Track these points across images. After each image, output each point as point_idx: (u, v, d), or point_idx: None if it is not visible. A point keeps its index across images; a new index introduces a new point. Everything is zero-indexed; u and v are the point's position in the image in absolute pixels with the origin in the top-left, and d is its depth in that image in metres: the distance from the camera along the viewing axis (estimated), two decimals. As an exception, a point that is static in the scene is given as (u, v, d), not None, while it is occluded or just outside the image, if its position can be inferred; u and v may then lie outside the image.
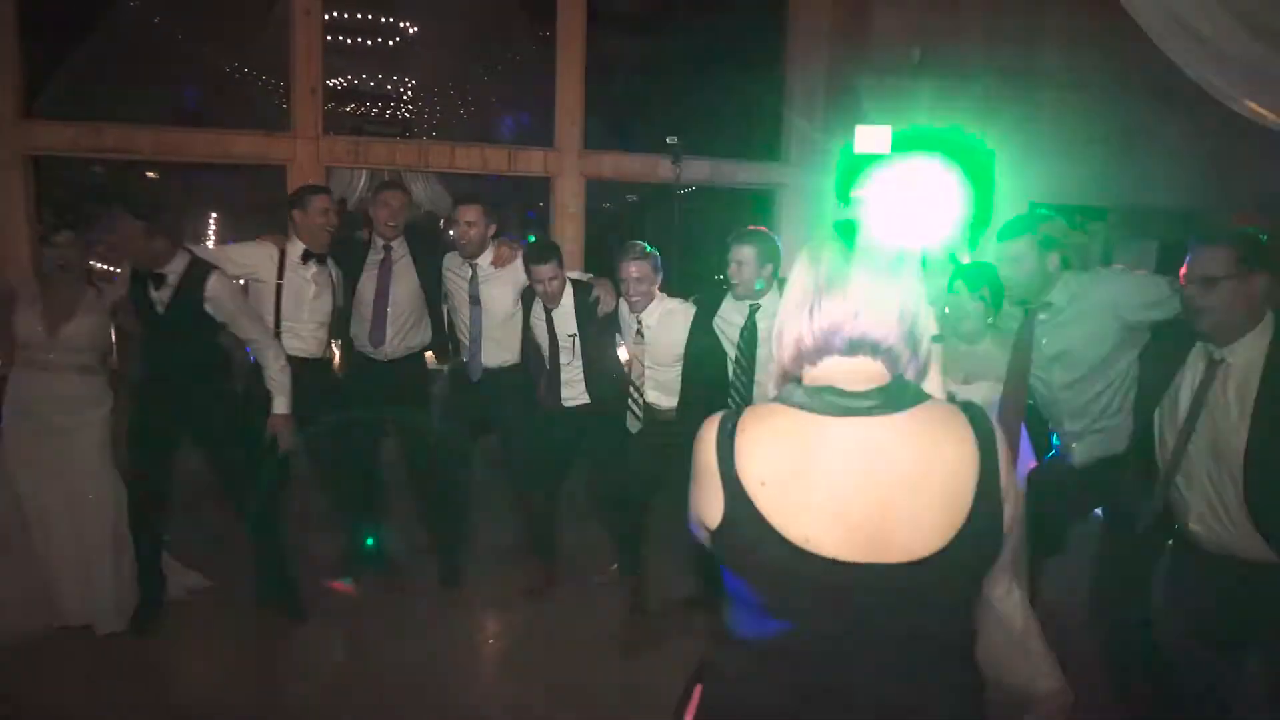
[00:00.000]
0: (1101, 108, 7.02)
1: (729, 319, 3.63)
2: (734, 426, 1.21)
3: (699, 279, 4.36)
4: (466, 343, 4.05)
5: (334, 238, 3.95)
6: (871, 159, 3.72)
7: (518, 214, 8.58)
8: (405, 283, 3.99)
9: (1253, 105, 2.87)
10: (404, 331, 4.00)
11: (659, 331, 3.73)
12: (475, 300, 4.00)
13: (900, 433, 1.18)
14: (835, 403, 1.19)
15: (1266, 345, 2.19)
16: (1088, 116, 7.05)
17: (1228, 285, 2.18)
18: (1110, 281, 2.79)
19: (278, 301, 3.78)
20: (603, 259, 4.13)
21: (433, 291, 4.09)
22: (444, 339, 4.23)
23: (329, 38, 6.64)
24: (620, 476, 3.85)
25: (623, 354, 3.88)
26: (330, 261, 3.89)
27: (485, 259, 4.02)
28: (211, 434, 3.63)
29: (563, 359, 3.92)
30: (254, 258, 3.86)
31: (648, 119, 8.52)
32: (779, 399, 1.25)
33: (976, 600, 1.28)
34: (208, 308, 3.49)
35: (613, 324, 3.90)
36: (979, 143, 4.78)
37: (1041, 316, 2.87)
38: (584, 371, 3.92)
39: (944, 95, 6.69)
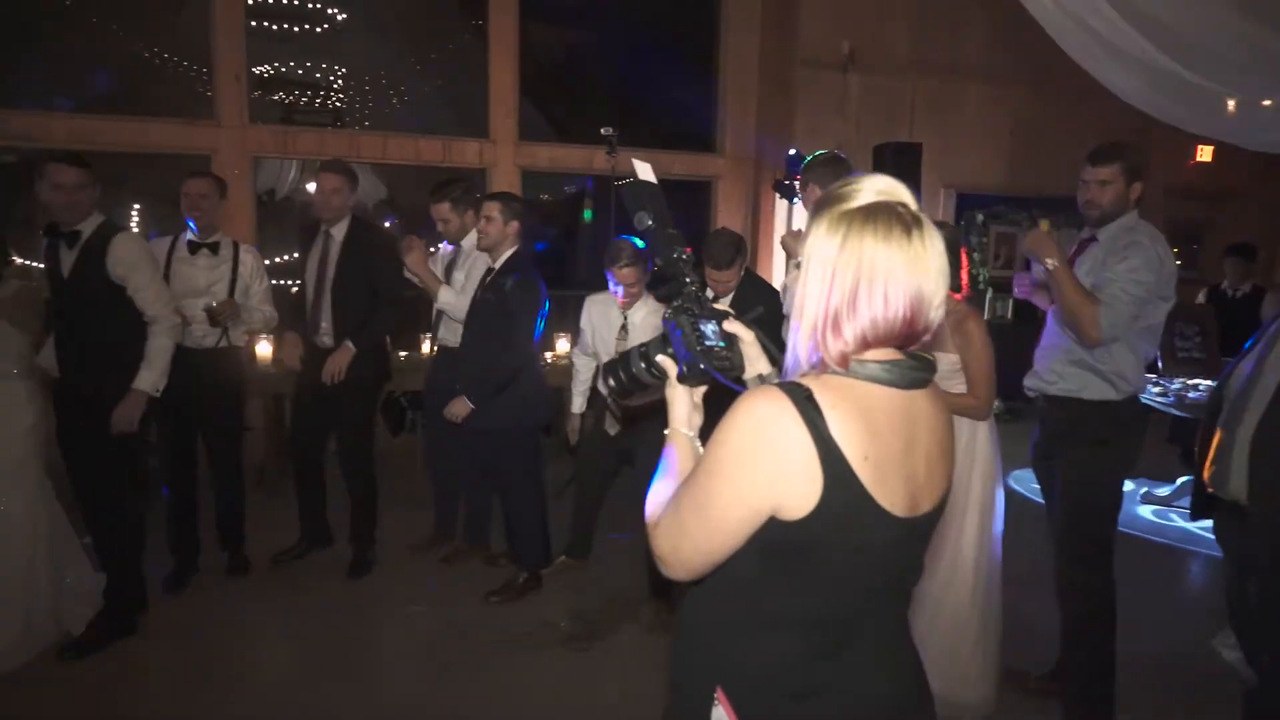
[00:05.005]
0: (1019, 101, 7.26)
1: None
2: (808, 399, 1.13)
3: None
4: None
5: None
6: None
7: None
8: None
9: (1150, 101, 2.99)
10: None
11: (642, 330, 3.69)
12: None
13: (932, 398, 1.27)
14: (914, 375, 1.20)
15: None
16: (1006, 109, 7.29)
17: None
18: (1140, 246, 2.71)
19: None
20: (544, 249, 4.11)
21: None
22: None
23: (253, 23, 6.46)
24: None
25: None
26: None
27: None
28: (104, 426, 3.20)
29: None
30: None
31: (585, 110, 8.49)
32: (847, 374, 1.17)
33: None
34: (116, 269, 3.16)
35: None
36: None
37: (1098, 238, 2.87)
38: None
39: (872, 88, 6.86)
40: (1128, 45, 2.77)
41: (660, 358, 1.34)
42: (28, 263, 3.53)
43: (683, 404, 1.34)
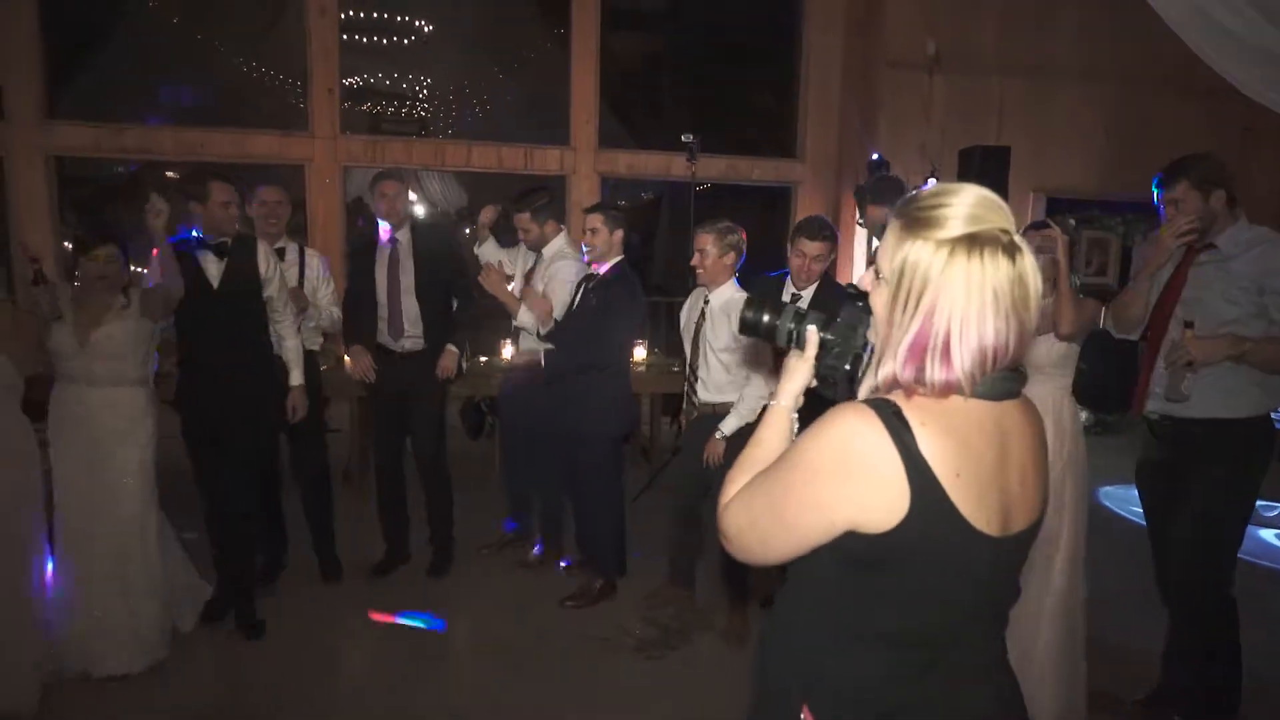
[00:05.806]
0: (1114, 100, 6.97)
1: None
2: (896, 416, 1.11)
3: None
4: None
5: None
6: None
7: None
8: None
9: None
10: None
11: (718, 315, 3.52)
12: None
13: (1024, 409, 1.24)
14: (1005, 386, 1.17)
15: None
16: (1100, 110, 7.00)
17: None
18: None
19: None
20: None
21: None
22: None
23: (344, 37, 6.69)
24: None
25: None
26: None
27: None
28: (258, 425, 3.49)
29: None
30: None
31: (664, 116, 8.52)
32: None
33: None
34: (267, 274, 3.45)
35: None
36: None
37: (1202, 258, 2.64)
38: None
39: (958, 88, 6.68)
40: (1258, 40, 2.61)
41: (811, 328, 1.31)
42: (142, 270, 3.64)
43: (799, 379, 1.34)
